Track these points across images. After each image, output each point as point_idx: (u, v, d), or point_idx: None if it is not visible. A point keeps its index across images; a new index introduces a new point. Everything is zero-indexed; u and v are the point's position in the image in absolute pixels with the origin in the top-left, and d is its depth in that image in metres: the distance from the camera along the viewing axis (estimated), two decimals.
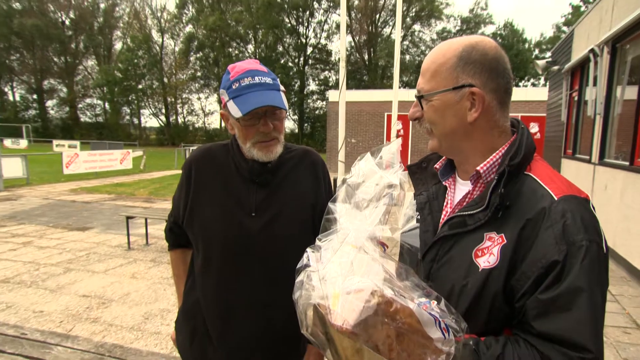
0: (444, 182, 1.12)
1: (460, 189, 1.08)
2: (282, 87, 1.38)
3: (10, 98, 49.03)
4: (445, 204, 1.11)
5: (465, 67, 0.95)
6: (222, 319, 1.42)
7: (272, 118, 1.35)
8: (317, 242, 0.87)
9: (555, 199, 0.89)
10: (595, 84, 7.33)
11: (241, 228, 1.38)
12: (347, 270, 0.76)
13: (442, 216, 1.09)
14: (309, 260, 0.85)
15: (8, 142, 30.76)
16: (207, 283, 1.43)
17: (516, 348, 0.86)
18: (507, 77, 0.99)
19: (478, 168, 0.99)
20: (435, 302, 0.78)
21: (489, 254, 0.91)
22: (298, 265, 0.86)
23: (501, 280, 0.89)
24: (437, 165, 1.14)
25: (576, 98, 9.33)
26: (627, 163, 5.95)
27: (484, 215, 0.93)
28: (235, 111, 1.29)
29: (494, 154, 0.99)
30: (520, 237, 0.89)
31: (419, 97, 1.02)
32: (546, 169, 0.98)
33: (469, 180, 1.03)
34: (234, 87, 1.31)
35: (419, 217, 1.16)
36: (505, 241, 0.90)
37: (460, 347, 0.77)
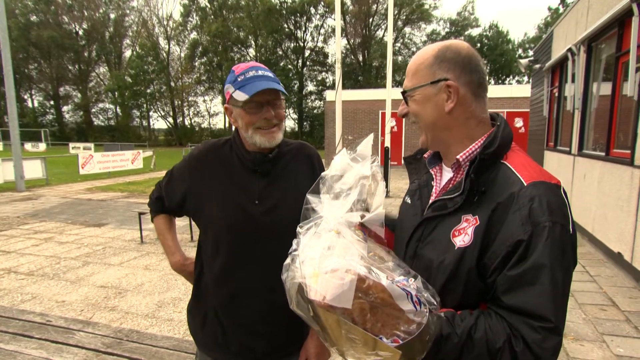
0: (430, 170, 1.16)
1: (445, 176, 1.12)
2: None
3: (30, 105, 48.99)
4: (433, 190, 1.15)
5: (440, 64, 1.01)
6: (231, 302, 1.43)
7: (274, 106, 1.38)
8: (298, 229, 0.91)
9: (525, 184, 0.92)
10: (573, 80, 7.35)
11: (246, 214, 1.40)
12: (326, 253, 0.81)
13: (430, 201, 1.13)
14: (296, 244, 0.89)
15: (28, 146, 30.73)
16: (216, 268, 1.44)
17: (488, 319, 0.90)
18: (480, 73, 1.03)
19: (458, 157, 1.03)
20: (413, 279, 0.83)
21: (464, 234, 0.95)
22: (290, 250, 0.91)
23: (474, 258, 0.93)
24: (425, 155, 1.19)
25: (556, 94, 9.34)
26: (603, 154, 5.99)
27: (461, 198, 0.98)
28: (241, 96, 1.33)
29: (474, 144, 1.03)
30: (492, 219, 0.92)
31: (404, 94, 1.08)
32: (521, 158, 1.00)
33: (451, 167, 1.08)
34: (239, 79, 1.35)
35: (409, 202, 1.21)
36: (479, 222, 0.94)
37: (432, 318, 0.81)
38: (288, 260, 0.87)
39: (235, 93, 1.35)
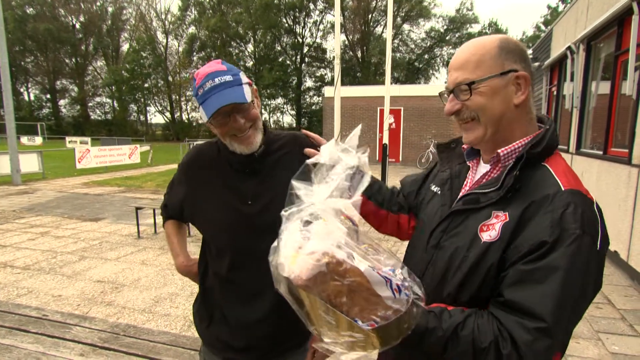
0: (468, 162, 1.14)
1: (480, 170, 1.11)
2: (245, 79, 1.34)
3: (26, 98, 48.68)
4: (465, 182, 1.13)
5: (507, 55, 0.98)
6: (236, 302, 1.44)
7: (240, 112, 1.31)
8: (283, 212, 0.92)
9: (563, 189, 0.90)
10: (572, 79, 7.36)
11: (241, 215, 1.39)
12: (308, 236, 0.84)
13: (460, 193, 1.11)
14: (282, 228, 0.91)
15: (24, 140, 30.54)
16: (220, 269, 1.45)
17: (478, 319, 0.89)
18: (532, 67, 1.03)
19: (499, 151, 1.01)
20: (400, 270, 0.85)
21: (492, 229, 0.94)
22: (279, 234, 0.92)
23: (498, 253, 0.92)
24: (464, 146, 1.16)
25: (555, 92, 9.36)
26: (601, 152, 6.00)
27: (497, 194, 0.96)
28: (203, 116, 1.29)
29: (518, 141, 1.01)
30: (522, 217, 0.90)
31: (468, 85, 0.99)
32: (563, 165, 0.98)
33: (489, 162, 1.06)
34: (199, 93, 1.29)
35: (439, 191, 1.19)
36: (508, 219, 0.92)
37: (415, 308, 0.83)
38: (275, 244, 0.89)
39: (200, 110, 1.31)
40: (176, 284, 4.65)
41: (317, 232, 0.83)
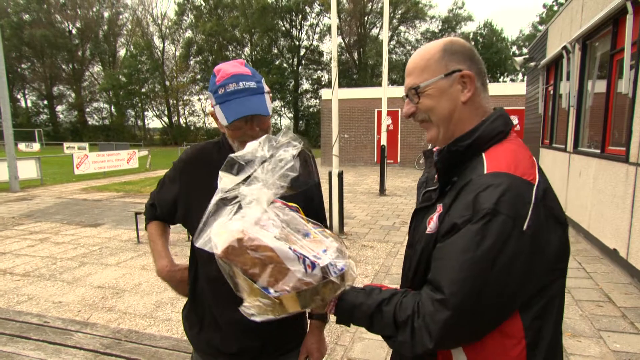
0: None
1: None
2: (267, 88, 1.35)
3: (23, 104, 48.63)
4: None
5: (451, 56, 1.03)
6: (229, 305, 1.39)
7: (258, 122, 1.32)
8: (215, 198, 1.04)
9: (485, 172, 0.92)
10: (568, 78, 7.39)
11: None
12: (234, 218, 0.98)
13: None
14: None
15: (22, 146, 30.51)
16: (213, 271, 1.40)
17: (405, 296, 0.96)
18: (482, 64, 1.06)
19: (434, 148, 1.08)
20: (329, 253, 0.99)
21: (432, 221, 1.00)
22: None
23: (434, 242, 0.97)
24: (435, 149, 1.19)
25: (551, 92, 9.39)
26: (598, 151, 6.02)
27: (438, 189, 1.04)
28: (221, 118, 1.28)
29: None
30: (450, 206, 0.95)
31: (415, 90, 1.05)
32: (507, 151, 0.97)
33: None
34: (219, 92, 1.28)
35: (417, 193, 1.26)
36: (442, 210, 0.97)
37: (328, 283, 0.96)
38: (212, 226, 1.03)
39: (217, 109, 1.30)
40: None
41: (242, 214, 0.98)
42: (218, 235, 0.95)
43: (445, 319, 0.85)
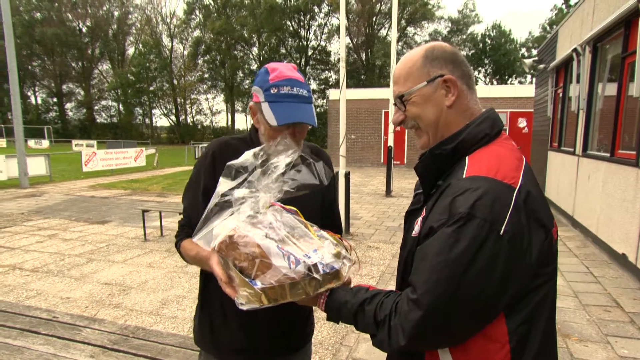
0: None
1: None
2: (312, 98, 1.37)
3: (33, 102, 49.19)
4: None
5: (432, 62, 1.03)
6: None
7: (301, 129, 1.34)
8: (214, 202, 1.15)
9: (464, 176, 0.92)
10: (578, 81, 7.34)
11: None
12: (232, 218, 1.10)
13: None
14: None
15: (32, 143, 30.85)
16: None
17: (387, 296, 0.99)
18: (467, 66, 1.06)
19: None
20: (320, 252, 1.08)
21: (417, 224, 1.02)
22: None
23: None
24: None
25: (561, 94, 9.32)
26: (608, 155, 5.97)
27: (424, 193, 1.07)
28: (270, 117, 1.27)
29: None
30: (431, 210, 0.96)
31: (400, 98, 1.07)
32: (490, 155, 0.97)
33: None
34: (272, 91, 1.28)
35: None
36: (425, 213, 0.99)
37: (312, 280, 1.04)
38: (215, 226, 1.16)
39: (265, 106, 1.29)
40: (183, 286, 4.67)
41: (236, 214, 1.09)
42: (217, 232, 1.08)
43: (417, 318, 0.86)
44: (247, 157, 1.16)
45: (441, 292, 0.84)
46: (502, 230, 0.83)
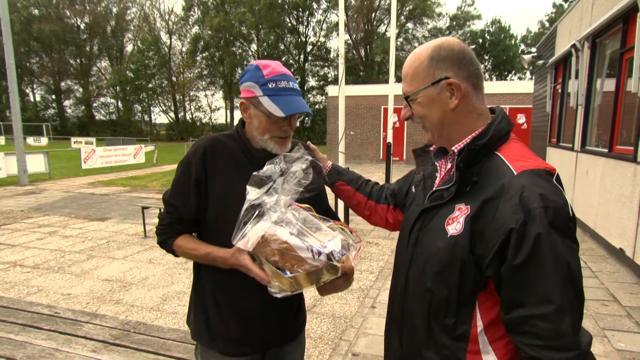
0: (436, 162, 1.20)
1: (446, 168, 1.17)
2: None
3: (32, 99, 49.06)
4: (435, 181, 1.19)
5: (438, 64, 1.04)
6: (239, 296, 1.45)
7: (294, 120, 1.45)
8: (246, 207, 1.27)
9: (515, 173, 0.94)
10: (577, 77, 7.35)
11: None
12: (261, 219, 1.24)
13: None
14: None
15: (30, 140, 30.78)
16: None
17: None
18: (475, 64, 1.06)
19: (453, 148, 1.07)
20: (333, 241, 1.24)
21: (456, 222, 0.99)
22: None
23: (466, 247, 0.96)
24: (431, 148, 1.23)
25: (560, 90, 9.33)
26: (606, 150, 6.00)
27: (454, 188, 1.03)
28: (274, 109, 1.33)
29: (468, 137, 1.06)
30: (482, 209, 0.95)
31: (406, 98, 1.10)
32: (516, 149, 1.02)
33: (449, 159, 1.13)
34: (269, 85, 1.35)
35: (414, 192, 1.27)
36: (469, 212, 0.97)
37: (329, 267, 1.21)
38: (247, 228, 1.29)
39: (265, 99, 1.34)
40: (183, 282, 4.70)
41: (265, 218, 1.24)
42: (251, 234, 1.22)
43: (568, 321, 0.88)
44: (270, 166, 1.30)
45: (564, 292, 0.87)
46: (570, 212, 0.91)
